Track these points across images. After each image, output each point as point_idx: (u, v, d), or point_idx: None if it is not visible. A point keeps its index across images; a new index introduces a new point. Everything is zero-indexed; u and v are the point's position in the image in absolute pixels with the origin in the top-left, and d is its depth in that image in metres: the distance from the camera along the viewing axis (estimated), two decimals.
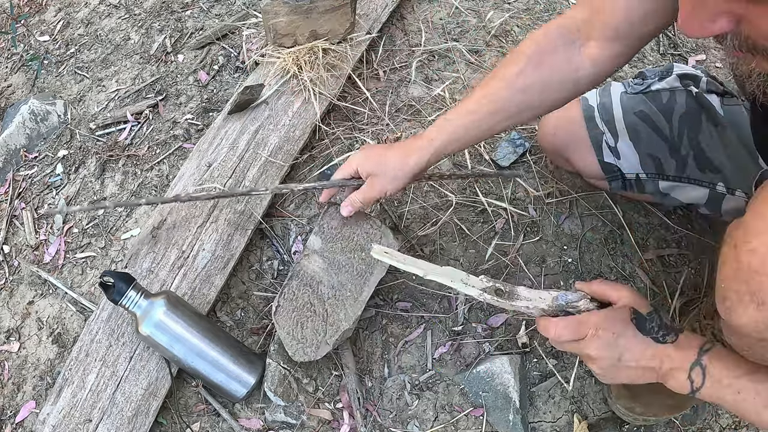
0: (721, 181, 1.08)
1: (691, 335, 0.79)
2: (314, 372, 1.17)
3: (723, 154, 1.07)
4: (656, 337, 0.77)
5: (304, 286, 1.11)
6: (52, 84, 1.72)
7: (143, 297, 1.06)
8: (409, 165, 1.00)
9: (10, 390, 1.22)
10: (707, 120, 1.09)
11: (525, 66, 0.93)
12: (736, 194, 1.07)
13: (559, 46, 0.93)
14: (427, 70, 1.61)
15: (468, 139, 0.99)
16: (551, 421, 1.14)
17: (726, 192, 1.08)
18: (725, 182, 1.07)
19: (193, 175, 1.34)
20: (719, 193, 1.09)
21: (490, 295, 0.82)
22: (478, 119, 0.96)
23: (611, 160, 1.17)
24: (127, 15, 1.84)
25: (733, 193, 1.07)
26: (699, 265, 1.29)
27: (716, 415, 1.15)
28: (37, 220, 1.45)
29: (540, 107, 0.98)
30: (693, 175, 1.11)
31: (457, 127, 0.98)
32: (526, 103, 0.95)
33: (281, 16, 1.44)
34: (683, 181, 1.13)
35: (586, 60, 0.93)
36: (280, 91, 1.47)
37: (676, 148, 1.11)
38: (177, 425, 1.13)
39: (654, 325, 0.77)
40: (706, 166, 1.09)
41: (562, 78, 0.94)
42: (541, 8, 1.75)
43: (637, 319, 0.78)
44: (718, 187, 1.09)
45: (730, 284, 0.62)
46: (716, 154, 1.07)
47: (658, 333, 0.77)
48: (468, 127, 0.97)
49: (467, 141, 1.00)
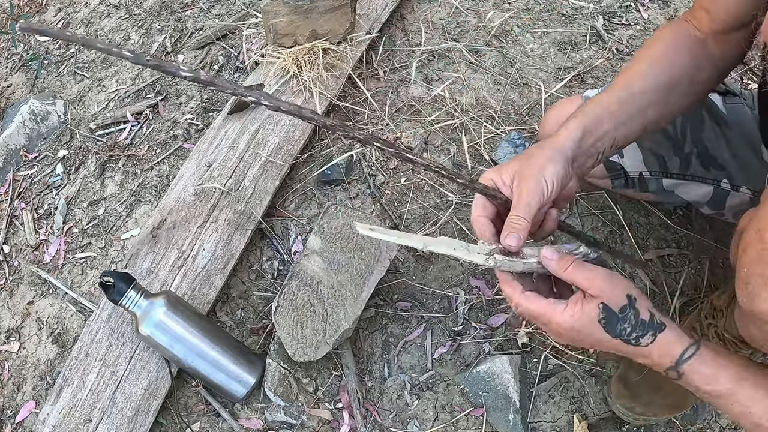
0: (725, 178, 1.08)
1: (675, 333, 0.69)
2: (314, 372, 1.17)
3: (726, 152, 1.07)
4: (627, 339, 0.69)
5: (304, 286, 1.11)
6: (52, 84, 1.72)
7: (143, 297, 1.06)
8: (560, 140, 0.81)
9: (10, 390, 1.22)
10: (710, 118, 1.10)
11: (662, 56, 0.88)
12: (741, 191, 1.07)
13: (686, 45, 0.89)
14: (427, 70, 1.60)
15: (617, 120, 0.85)
16: (551, 421, 1.14)
17: (731, 189, 1.08)
18: (729, 179, 1.08)
19: (193, 175, 1.34)
20: (724, 189, 1.09)
21: (500, 256, 0.73)
22: (626, 96, 0.86)
23: (614, 158, 1.17)
24: (127, 15, 1.84)
25: (737, 190, 1.08)
26: (699, 265, 1.29)
27: (716, 415, 1.15)
28: (37, 220, 1.45)
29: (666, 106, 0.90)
30: (697, 173, 1.11)
31: (603, 105, 0.85)
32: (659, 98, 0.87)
33: (281, 16, 1.44)
34: (687, 179, 1.13)
35: (708, 59, 0.90)
36: (280, 91, 1.47)
37: (679, 146, 1.11)
38: (177, 425, 1.13)
39: (626, 326, 0.69)
40: (710, 164, 1.09)
41: (689, 78, 0.89)
42: (541, 8, 1.75)
43: (606, 320, 0.68)
44: (722, 184, 1.09)
45: (753, 268, 0.61)
46: (720, 152, 1.08)
47: (630, 335, 0.69)
48: (614, 106, 0.85)
49: (618, 122, 0.85)
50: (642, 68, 0.88)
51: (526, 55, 1.64)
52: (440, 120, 1.49)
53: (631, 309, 0.69)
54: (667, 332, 0.69)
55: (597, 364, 1.18)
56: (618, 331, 0.69)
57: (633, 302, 0.69)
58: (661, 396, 1.05)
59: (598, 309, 0.68)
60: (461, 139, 1.45)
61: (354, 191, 1.39)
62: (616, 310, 0.68)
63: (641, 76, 0.87)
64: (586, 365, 1.18)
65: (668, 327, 0.69)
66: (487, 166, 1.41)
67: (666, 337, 0.69)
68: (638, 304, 0.69)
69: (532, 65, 1.61)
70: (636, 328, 0.69)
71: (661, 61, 0.88)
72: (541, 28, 1.70)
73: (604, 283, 0.69)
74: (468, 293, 1.25)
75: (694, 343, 0.69)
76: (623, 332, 0.69)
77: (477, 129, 1.47)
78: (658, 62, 0.88)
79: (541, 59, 1.63)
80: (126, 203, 1.43)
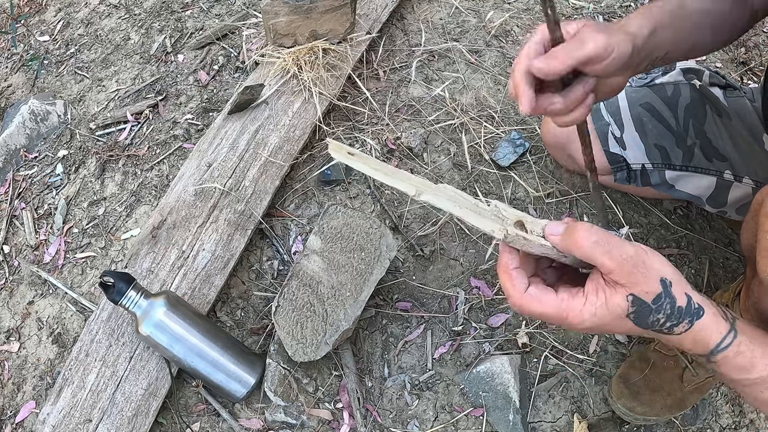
0: (728, 169, 1.09)
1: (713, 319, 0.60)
2: (314, 372, 1.17)
3: (729, 143, 1.08)
4: (659, 329, 0.59)
5: (304, 286, 1.11)
6: (52, 84, 1.72)
7: (143, 297, 1.06)
8: (631, 28, 0.73)
9: (10, 390, 1.22)
10: (712, 110, 1.10)
11: None
12: (744, 181, 1.08)
13: None
14: (427, 70, 1.60)
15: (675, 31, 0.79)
16: (551, 421, 1.14)
17: (734, 179, 1.09)
18: (732, 170, 1.08)
19: (193, 175, 1.34)
20: (727, 180, 1.10)
21: (513, 230, 0.59)
22: None
23: (617, 151, 1.18)
24: (127, 15, 1.84)
25: (740, 181, 1.08)
26: (699, 265, 1.29)
27: (716, 415, 1.15)
28: (37, 220, 1.45)
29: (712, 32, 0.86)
30: (700, 164, 1.12)
31: (666, 12, 0.79)
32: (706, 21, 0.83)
33: (281, 16, 1.44)
34: (690, 170, 1.13)
35: (744, 2, 0.88)
36: (280, 91, 1.47)
37: (682, 139, 1.12)
38: (177, 425, 1.13)
39: (661, 317, 0.58)
40: (713, 155, 1.10)
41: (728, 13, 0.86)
42: (541, 8, 1.75)
43: (636, 314, 0.57)
44: (725, 175, 1.09)
45: None
46: (722, 143, 1.09)
47: (664, 325, 0.58)
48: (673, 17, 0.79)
49: (675, 33, 0.80)
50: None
51: None
52: (440, 120, 1.49)
53: (666, 297, 0.57)
54: (705, 318, 0.59)
55: (597, 364, 1.18)
56: (650, 323, 0.58)
57: (668, 288, 0.57)
58: (661, 396, 1.05)
59: (626, 302, 0.57)
60: (461, 139, 1.45)
61: (354, 191, 1.39)
62: (650, 302, 0.57)
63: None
64: (586, 365, 1.18)
65: (706, 312, 0.59)
66: (488, 166, 1.41)
67: (703, 324, 0.59)
68: (674, 289, 0.58)
69: None
70: (671, 317, 0.58)
71: None
72: None
73: (634, 267, 0.56)
74: (468, 293, 1.25)
75: (731, 329, 0.60)
76: (655, 323, 0.58)
77: (477, 129, 1.47)
78: None
79: None
80: (126, 203, 1.43)
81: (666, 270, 0.58)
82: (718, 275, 1.28)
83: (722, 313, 0.61)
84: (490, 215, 0.60)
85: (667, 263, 0.59)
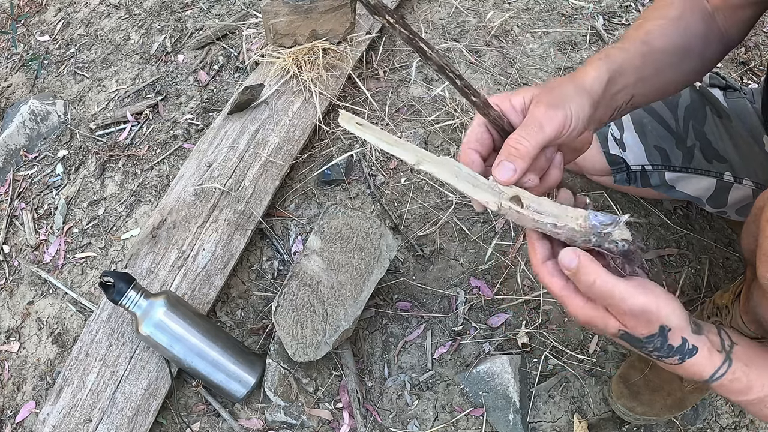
0: (728, 170, 1.09)
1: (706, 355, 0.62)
2: (314, 372, 1.17)
3: (729, 144, 1.08)
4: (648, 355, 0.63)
5: (304, 286, 1.11)
6: (52, 84, 1.72)
7: (143, 297, 1.06)
8: (587, 80, 0.70)
9: (10, 390, 1.22)
10: (712, 112, 1.10)
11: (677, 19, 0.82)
12: (744, 183, 1.07)
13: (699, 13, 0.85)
14: (427, 70, 1.60)
15: (639, 75, 0.77)
16: (551, 421, 1.14)
17: (733, 181, 1.09)
18: (732, 171, 1.08)
19: (193, 175, 1.34)
20: (727, 182, 1.09)
21: (507, 203, 0.59)
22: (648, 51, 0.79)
23: (617, 152, 1.18)
24: (127, 15, 1.84)
25: (740, 182, 1.08)
26: (699, 265, 1.29)
27: (716, 415, 1.15)
28: (37, 220, 1.45)
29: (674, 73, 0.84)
30: (700, 166, 1.11)
31: (629, 55, 0.77)
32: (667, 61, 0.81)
33: (281, 16, 1.44)
34: (690, 172, 1.13)
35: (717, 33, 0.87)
36: (280, 91, 1.47)
37: (682, 140, 1.12)
38: (177, 425, 1.13)
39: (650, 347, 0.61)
40: (713, 156, 1.10)
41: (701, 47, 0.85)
42: (541, 8, 1.75)
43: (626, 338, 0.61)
44: (725, 177, 1.09)
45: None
46: (722, 145, 1.08)
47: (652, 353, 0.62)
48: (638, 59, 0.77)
49: (639, 77, 0.77)
50: (662, 25, 0.81)
51: (526, 55, 1.64)
52: (440, 120, 1.49)
53: (659, 337, 0.60)
54: (698, 356, 0.62)
55: (597, 364, 1.18)
56: (639, 348, 0.61)
57: (665, 333, 0.59)
58: (661, 396, 1.05)
59: (617, 331, 0.60)
60: (461, 139, 1.44)
61: (354, 191, 1.39)
62: (640, 337, 0.60)
63: (662, 34, 0.80)
64: (586, 365, 1.18)
65: (700, 350, 0.61)
66: None
67: (695, 361, 0.62)
68: (671, 334, 0.60)
69: (532, 65, 1.61)
70: (661, 350, 0.61)
71: (678, 23, 0.82)
72: (541, 28, 1.70)
73: (636, 319, 0.58)
74: (468, 293, 1.25)
75: (726, 359, 0.62)
76: (644, 350, 0.62)
77: None
78: (675, 24, 0.82)
79: (541, 59, 1.63)
80: (126, 203, 1.43)
81: (671, 319, 0.59)
82: (718, 275, 1.27)
83: (720, 343, 0.63)
84: (488, 188, 0.60)
85: (675, 311, 0.59)
